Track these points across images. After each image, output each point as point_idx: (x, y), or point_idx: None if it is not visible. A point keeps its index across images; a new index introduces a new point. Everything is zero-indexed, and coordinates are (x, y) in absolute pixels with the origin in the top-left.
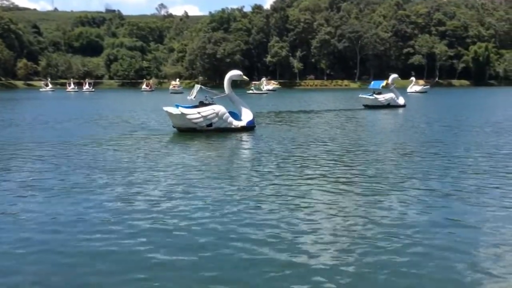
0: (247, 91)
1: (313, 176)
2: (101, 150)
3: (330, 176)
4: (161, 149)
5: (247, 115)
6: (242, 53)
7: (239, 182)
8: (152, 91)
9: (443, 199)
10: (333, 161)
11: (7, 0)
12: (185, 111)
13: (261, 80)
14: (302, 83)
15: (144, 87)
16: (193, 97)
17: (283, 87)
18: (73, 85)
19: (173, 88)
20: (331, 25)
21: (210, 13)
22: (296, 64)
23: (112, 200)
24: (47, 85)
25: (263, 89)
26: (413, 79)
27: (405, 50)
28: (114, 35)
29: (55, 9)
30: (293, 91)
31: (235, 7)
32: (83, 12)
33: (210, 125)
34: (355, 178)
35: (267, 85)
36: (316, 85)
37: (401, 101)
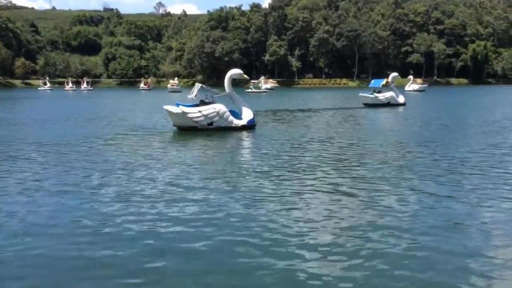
0: (246, 90)
1: (313, 175)
2: (101, 149)
3: (330, 176)
4: (161, 148)
5: (247, 114)
6: (240, 52)
7: (240, 182)
8: (150, 90)
9: (442, 200)
10: (334, 160)
11: None
12: (186, 109)
13: (259, 79)
14: (300, 82)
15: (142, 86)
16: (193, 96)
17: (282, 86)
18: (71, 84)
19: (172, 87)
20: (329, 24)
21: (208, 11)
22: (294, 62)
23: (109, 200)
24: (45, 84)
25: (262, 87)
26: (411, 77)
27: (404, 48)
28: (112, 34)
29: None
30: (291, 90)
31: (233, 5)
32: (81, 10)
33: (211, 123)
34: (355, 178)
35: (265, 84)
36: (314, 84)
37: (401, 99)
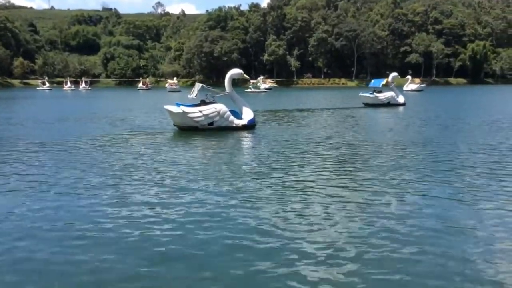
0: (245, 90)
1: (313, 176)
2: (100, 149)
3: (330, 177)
4: (161, 148)
5: (248, 114)
6: (239, 52)
7: (240, 183)
8: (148, 89)
9: (441, 202)
10: (335, 161)
11: None
12: (187, 109)
13: (258, 79)
14: (299, 82)
15: (140, 85)
16: (194, 96)
17: (280, 86)
18: (70, 84)
19: (171, 86)
20: (328, 24)
21: (207, 11)
22: (293, 62)
23: (106, 202)
24: (44, 84)
25: (261, 87)
26: (409, 77)
27: (402, 48)
28: (111, 33)
29: (52, 7)
30: (290, 90)
31: (232, 5)
32: (80, 10)
33: (211, 123)
34: (354, 178)
35: (263, 84)
36: (313, 84)
37: (401, 99)
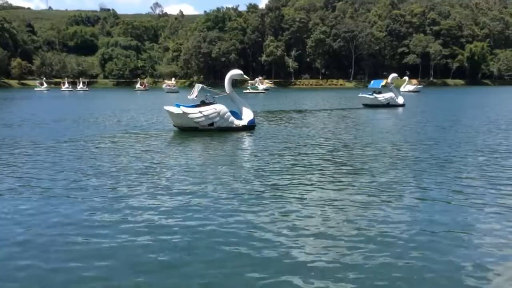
0: (243, 91)
1: (313, 178)
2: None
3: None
4: (161, 149)
5: (247, 114)
6: (237, 53)
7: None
8: (146, 90)
9: (437, 204)
10: (334, 162)
11: None
12: (187, 110)
13: (255, 79)
14: (297, 82)
15: (138, 86)
16: (194, 97)
17: (278, 86)
18: (67, 85)
19: (169, 87)
20: (326, 25)
21: (205, 12)
22: (291, 63)
23: (103, 204)
24: (42, 84)
25: (259, 88)
26: (406, 78)
27: (400, 49)
28: (108, 34)
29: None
30: (288, 91)
31: (230, 6)
32: (78, 11)
33: (211, 124)
34: (354, 179)
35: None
36: (311, 85)
37: (401, 100)
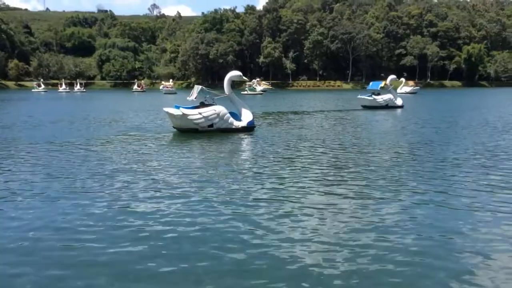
0: (241, 92)
1: (312, 178)
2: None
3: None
4: (160, 151)
5: (247, 116)
6: (235, 54)
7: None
8: (143, 91)
9: (435, 206)
10: (334, 164)
11: None
12: (187, 111)
13: (252, 81)
14: (295, 84)
15: (135, 87)
16: (193, 98)
17: (276, 88)
18: (64, 86)
19: (167, 88)
20: (323, 26)
21: (202, 13)
22: (288, 64)
23: (101, 204)
24: (39, 86)
25: (257, 89)
26: (403, 80)
27: (397, 51)
28: (106, 35)
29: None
30: (286, 92)
31: (227, 7)
32: (75, 12)
33: (211, 125)
34: (352, 181)
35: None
36: (308, 86)
37: (399, 101)
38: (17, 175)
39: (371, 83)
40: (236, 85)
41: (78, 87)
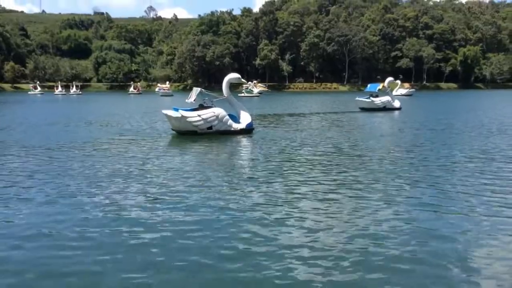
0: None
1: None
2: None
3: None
4: (160, 153)
5: (246, 118)
6: (231, 56)
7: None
8: (140, 94)
9: (432, 207)
10: (333, 165)
11: None
12: (186, 114)
13: (249, 83)
14: (291, 86)
15: (131, 90)
16: (192, 100)
17: (272, 90)
18: (60, 88)
19: (163, 90)
20: (320, 28)
21: (199, 16)
22: (285, 67)
23: (95, 210)
24: (36, 88)
25: (254, 92)
26: (398, 82)
27: (393, 53)
28: (102, 37)
29: (43, 11)
30: (282, 94)
31: (224, 10)
32: (71, 14)
33: (210, 127)
34: (350, 185)
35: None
36: (305, 88)
37: (397, 104)
38: (12, 177)
39: (369, 85)
40: (233, 87)
41: (74, 89)
